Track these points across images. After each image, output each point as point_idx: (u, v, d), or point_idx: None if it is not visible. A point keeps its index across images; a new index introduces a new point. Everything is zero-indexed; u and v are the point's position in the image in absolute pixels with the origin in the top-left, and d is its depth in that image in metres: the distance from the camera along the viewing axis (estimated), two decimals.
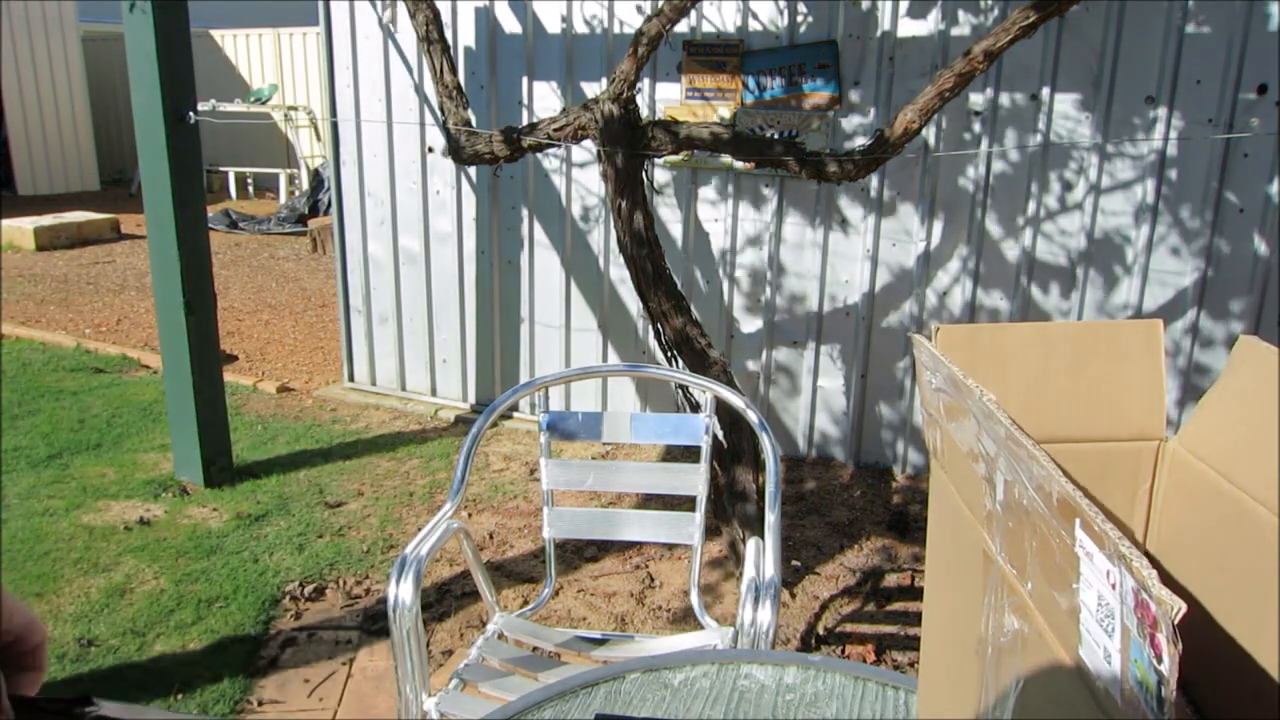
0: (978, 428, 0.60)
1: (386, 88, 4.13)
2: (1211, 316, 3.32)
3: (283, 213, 9.33)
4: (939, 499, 0.74)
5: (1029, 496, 0.51)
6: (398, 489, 3.53)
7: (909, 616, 2.80)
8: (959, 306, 3.58)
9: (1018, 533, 0.55)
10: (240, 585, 2.85)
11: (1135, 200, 3.31)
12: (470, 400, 4.37)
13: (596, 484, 2.06)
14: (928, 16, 3.35)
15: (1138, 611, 0.38)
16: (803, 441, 3.91)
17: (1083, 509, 0.44)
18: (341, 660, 2.53)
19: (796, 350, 3.83)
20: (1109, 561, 0.41)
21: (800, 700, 1.06)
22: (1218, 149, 3.15)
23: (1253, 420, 0.75)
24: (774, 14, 3.53)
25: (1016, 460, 0.53)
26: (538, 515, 3.31)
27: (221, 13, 11.62)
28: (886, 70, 3.43)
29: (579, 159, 3.89)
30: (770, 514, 1.78)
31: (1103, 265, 3.40)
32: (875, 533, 3.28)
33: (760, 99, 3.56)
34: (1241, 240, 3.21)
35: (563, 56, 3.82)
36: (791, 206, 3.69)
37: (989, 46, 2.45)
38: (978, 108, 3.37)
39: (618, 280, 3.95)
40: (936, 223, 3.54)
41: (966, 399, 0.61)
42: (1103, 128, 3.26)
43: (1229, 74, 3.08)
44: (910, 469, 3.77)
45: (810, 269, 3.73)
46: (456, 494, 1.86)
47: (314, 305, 6.33)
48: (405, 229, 4.28)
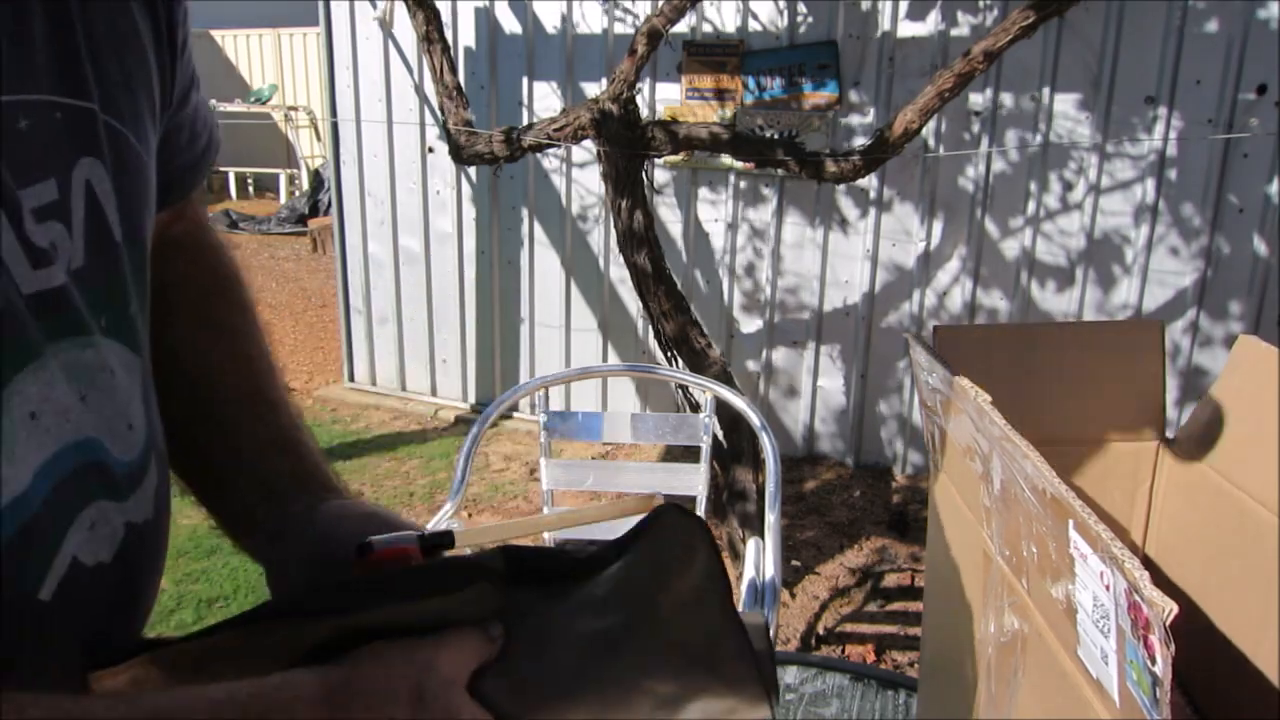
0: (974, 427, 0.60)
1: (386, 88, 4.13)
2: (1211, 316, 3.32)
3: (283, 213, 9.34)
4: (938, 499, 0.74)
5: (1024, 496, 0.51)
6: (398, 489, 3.53)
7: (909, 616, 2.80)
8: (959, 306, 3.58)
9: (1015, 532, 0.55)
10: (240, 585, 2.85)
11: (1135, 200, 3.31)
12: (470, 400, 4.37)
13: (596, 484, 2.06)
14: (927, 17, 3.35)
15: (1130, 613, 0.38)
16: (802, 441, 3.91)
17: (1076, 510, 0.44)
18: None
19: (796, 350, 3.83)
20: (1102, 563, 0.41)
21: (800, 700, 1.06)
22: (1217, 149, 3.15)
23: (1253, 420, 0.75)
24: (774, 14, 3.53)
25: (1011, 460, 0.53)
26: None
27: (221, 13, 11.60)
28: (886, 70, 3.43)
29: (579, 159, 3.89)
30: (770, 514, 1.78)
31: (1102, 265, 3.40)
32: (875, 533, 3.28)
33: (760, 99, 3.56)
34: (1241, 240, 3.21)
35: (563, 56, 3.82)
36: (791, 206, 3.69)
37: (988, 47, 2.45)
38: (978, 108, 3.37)
39: (618, 280, 3.95)
40: (936, 223, 3.54)
41: (961, 399, 0.61)
42: (1102, 128, 3.26)
43: (1229, 74, 3.08)
44: (910, 469, 3.77)
45: (810, 269, 3.73)
46: (456, 494, 1.86)
47: (314, 305, 6.33)
48: (405, 229, 4.28)
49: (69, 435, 0.52)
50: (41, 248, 0.50)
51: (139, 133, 0.59)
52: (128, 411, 0.57)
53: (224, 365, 0.73)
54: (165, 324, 0.68)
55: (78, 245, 0.53)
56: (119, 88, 0.57)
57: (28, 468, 0.49)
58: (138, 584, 0.59)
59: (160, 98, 0.63)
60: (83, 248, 0.54)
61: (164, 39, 0.63)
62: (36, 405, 0.49)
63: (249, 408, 0.72)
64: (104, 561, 0.54)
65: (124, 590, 0.57)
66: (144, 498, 0.58)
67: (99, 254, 0.55)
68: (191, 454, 0.70)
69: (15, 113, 0.50)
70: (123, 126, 0.57)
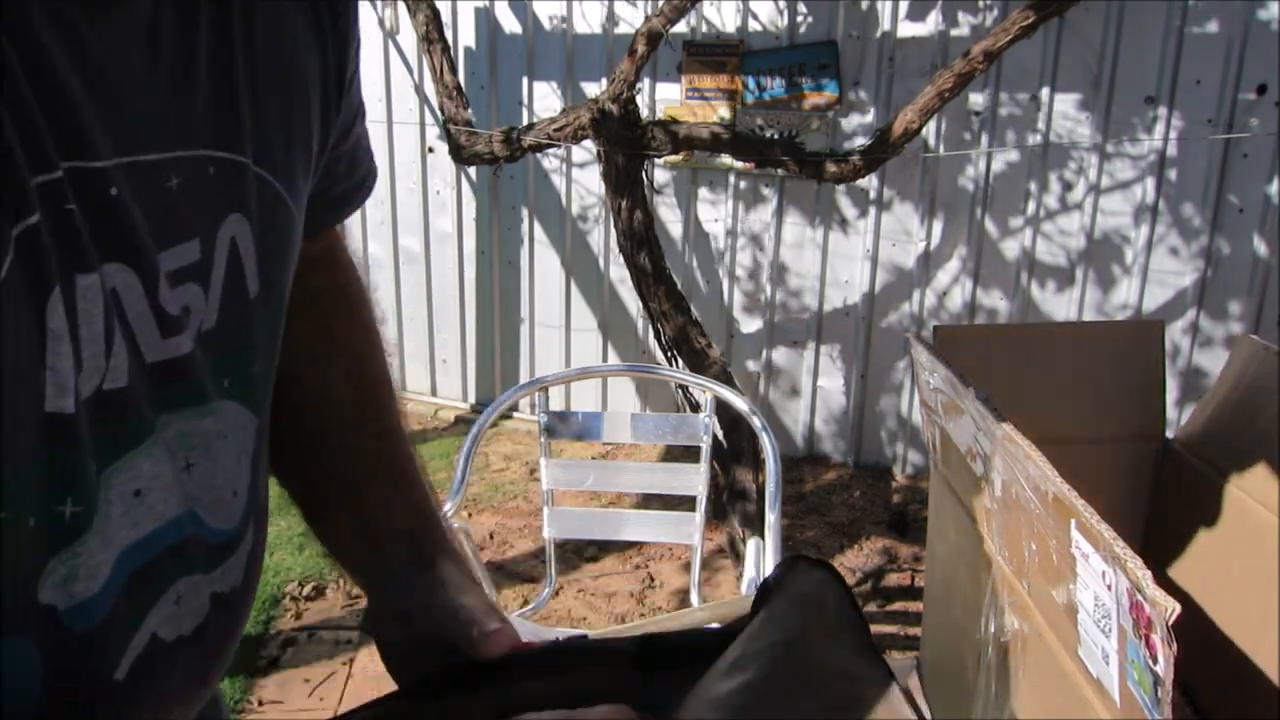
0: (975, 427, 0.60)
1: (386, 88, 4.13)
2: (1211, 317, 3.32)
3: None
4: (939, 499, 0.74)
5: (1026, 496, 0.51)
6: None
7: (909, 616, 2.79)
8: (959, 306, 3.58)
9: (1015, 532, 0.55)
10: None
11: (1135, 200, 3.31)
12: (470, 400, 4.37)
13: (596, 484, 2.06)
14: (927, 17, 3.35)
15: (1133, 612, 0.38)
16: (802, 441, 3.91)
17: (1078, 509, 0.44)
18: (342, 660, 2.53)
19: (796, 350, 3.83)
20: (1104, 563, 0.41)
21: None
22: (1217, 149, 3.15)
23: (1252, 420, 0.75)
24: (774, 14, 3.53)
25: (1013, 460, 0.53)
26: (538, 515, 3.31)
27: None
28: (886, 70, 3.43)
29: (579, 159, 3.89)
30: (770, 514, 1.78)
31: (1102, 265, 3.40)
32: (875, 533, 3.28)
33: (760, 99, 3.56)
34: (1241, 241, 3.21)
35: (563, 56, 3.82)
36: (791, 206, 3.69)
37: (988, 47, 2.45)
38: (977, 108, 3.37)
39: (618, 280, 3.95)
40: (936, 223, 3.54)
41: (963, 399, 0.61)
42: (1102, 128, 3.26)
43: (1229, 74, 3.08)
44: (910, 469, 3.77)
45: (810, 269, 3.73)
46: (456, 494, 1.86)
47: None
48: (405, 229, 4.28)
49: (172, 510, 0.50)
50: (173, 315, 0.48)
51: (290, 185, 0.57)
52: (234, 477, 0.55)
53: (342, 387, 0.73)
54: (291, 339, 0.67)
55: (212, 306, 0.52)
56: (274, 137, 0.55)
57: (117, 548, 0.47)
58: (216, 652, 0.56)
59: (319, 139, 0.61)
60: (217, 308, 0.52)
61: (331, 77, 0.61)
62: (144, 483, 0.48)
63: (360, 436, 0.72)
64: (184, 635, 0.52)
65: (202, 660, 0.55)
66: (235, 565, 0.56)
67: (231, 314, 0.53)
68: (300, 473, 0.71)
69: (167, 171, 0.48)
70: (274, 178, 0.55)
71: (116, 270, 0.45)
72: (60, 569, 0.43)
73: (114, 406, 0.45)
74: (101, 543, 0.45)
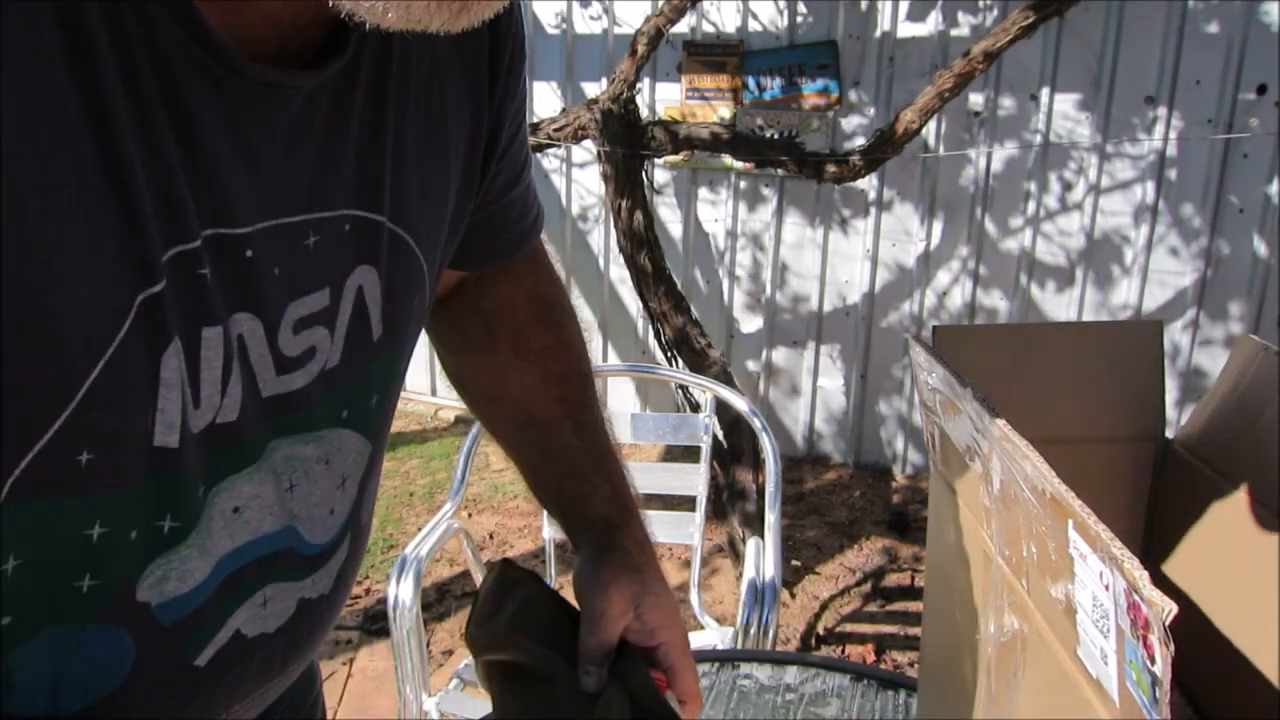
0: (973, 427, 0.60)
1: None
2: (1211, 317, 3.32)
3: None
4: (938, 498, 0.74)
5: (1024, 496, 0.51)
6: (398, 489, 3.53)
7: (909, 616, 2.80)
8: (959, 306, 3.58)
9: (1014, 531, 0.55)
10: None
11: (1135, 200, 3.31)
12: None
13: None
14: (927, 17, 3.35)
15: (1130, 613, 0.38)
16: (802, 441, 3.91)
17: (1075, 509, 0.44)
18: (341, 660, 2.53)
19: (796, 350, 3.83)
20: (1101, 563, 0.41)
21: (800, 700, 1.06)
22: (1217, 149, 3.15)
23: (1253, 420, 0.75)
24: (774, 14, 3.53)
25: (1010, 460, 0.53)
26: (538, 515, 3.31)
27: None
28: (886, 70, 3.43)
29: (579, 159, 3.89)
30: (770, 514, 1.78)
31: (1102, 265, 3.40)
32: (875, 533, 3.28)
33: (760, 99, 3.56)
34: (1241, 241, 3.21)
35: (563, 56, 3.82)
36: (791, 206, 3.69)
37: (988, 47, 2.45)
38: (977, 108, 3.37)
39: (618, 280, 3.95)
40: (936, 223, 3.54)
41: (961, 399, 0.61)
42: (1102, 128, 3.26)
43: (1229, 74, 3.08)
44: (910, 469, 3.77)
45: (810, 269, 3.73)
46: (457, 494, 1.86)
47: None
48: None
49: (269, 525, 0.53)
50: (291, 357, 0.52)
51: (423, 240, 0.60)
52: (334, 497, 0.58)
53: (536, 389, 0.82)
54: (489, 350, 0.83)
55: (336, 346, 0.55)
56: (412, 197, 0.58)
57: (214, 557, 0.50)
58: (296, 648, 0.60)
59: (458, 195, 0.64)
60: (341, 348, 0.55)
61: (483, 137, 0.64)
62: (243, 501, 0.51)
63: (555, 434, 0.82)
64: (267, 632, 0.56)
65: (281, 654, 0.58)
66: (325, 575, 0.60)
67: (354, 353, 0.56)
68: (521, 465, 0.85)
69: (306, 230, 0.51)
70: (406, 233, 0.58)
71: (244, 319, 0.48)
72: (156, 572, 0.48)
73: (225, 437, 0.49)
74: (198, 551, 0.49)
